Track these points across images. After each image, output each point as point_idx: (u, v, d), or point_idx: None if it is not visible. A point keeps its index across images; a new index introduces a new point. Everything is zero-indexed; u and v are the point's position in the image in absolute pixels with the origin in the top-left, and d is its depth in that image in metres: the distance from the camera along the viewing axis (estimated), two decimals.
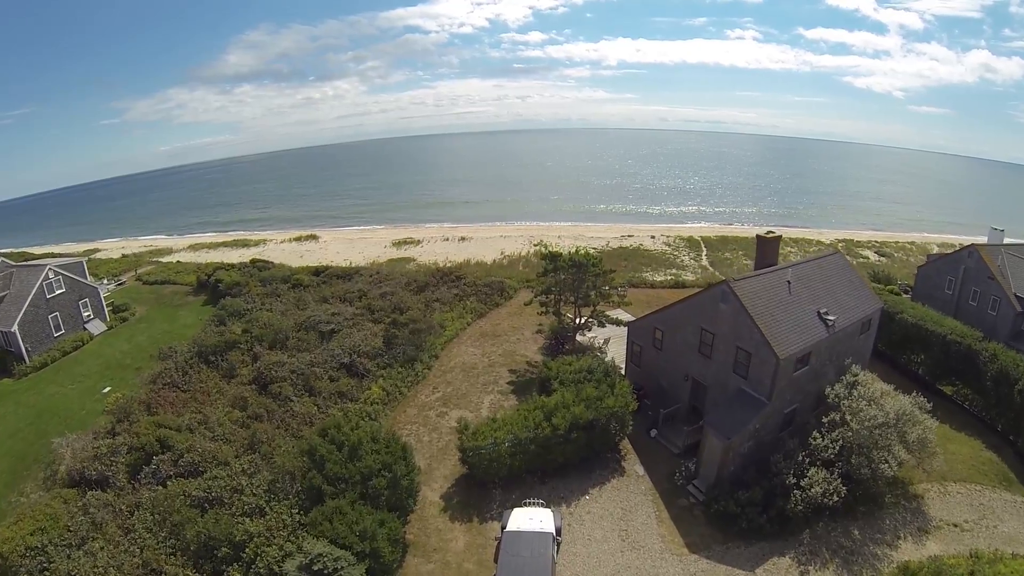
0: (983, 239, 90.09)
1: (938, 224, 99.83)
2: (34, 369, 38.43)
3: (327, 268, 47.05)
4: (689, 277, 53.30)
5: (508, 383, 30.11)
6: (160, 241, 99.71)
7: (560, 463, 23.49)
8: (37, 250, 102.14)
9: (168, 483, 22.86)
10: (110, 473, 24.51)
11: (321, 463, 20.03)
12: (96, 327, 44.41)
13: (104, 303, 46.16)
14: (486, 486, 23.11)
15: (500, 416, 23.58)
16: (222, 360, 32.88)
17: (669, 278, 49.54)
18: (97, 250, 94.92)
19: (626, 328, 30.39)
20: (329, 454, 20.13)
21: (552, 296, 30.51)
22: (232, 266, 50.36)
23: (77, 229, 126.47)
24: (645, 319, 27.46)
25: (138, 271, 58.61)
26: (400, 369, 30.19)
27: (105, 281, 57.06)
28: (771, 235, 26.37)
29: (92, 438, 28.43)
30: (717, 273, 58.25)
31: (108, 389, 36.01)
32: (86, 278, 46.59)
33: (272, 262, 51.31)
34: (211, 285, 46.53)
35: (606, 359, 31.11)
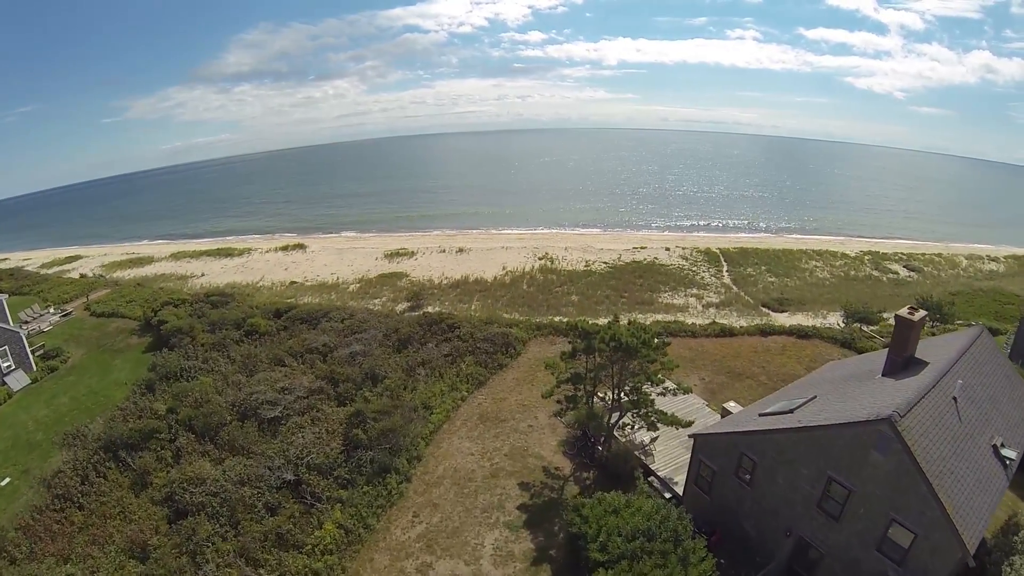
0: (1010, 249, 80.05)
1: (959, 232, 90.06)
2: None
3: (292, 308, 36.31)
4: (716, 299, 43.85)
5: (519, 507, 20.18)
6: (143, 247, 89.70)
7: None
8: (17, 256, 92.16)
9: None
10: None
11: None
12: (17, 381, 34.44)
13: (29, 350, 36.04)
14: None
15: None
16: (135, 457, 23.13)
17: (704, 316, 39.46)
18: (78, 256, 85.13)
19: (679, 421, 20.66)
20: None
21: (583, 387, 20.36)
22: (183, 301, 39.86)
23: (63, 233, 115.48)
24: (728, 437, 17.42)
25: (89, 297, 48.43)
26: (366, 488, 20.12)
27: (52, 310, 46.98)
28: (915, 314, 16.54)
29: None
30: (742, 293, 48.54)
31: (7, 481, 26.70)
32: (7, 321, 36.59)
33: (230, 295, 40.79)
34: (155, 326, 36.47)
35: (652, 465, 21.52)
